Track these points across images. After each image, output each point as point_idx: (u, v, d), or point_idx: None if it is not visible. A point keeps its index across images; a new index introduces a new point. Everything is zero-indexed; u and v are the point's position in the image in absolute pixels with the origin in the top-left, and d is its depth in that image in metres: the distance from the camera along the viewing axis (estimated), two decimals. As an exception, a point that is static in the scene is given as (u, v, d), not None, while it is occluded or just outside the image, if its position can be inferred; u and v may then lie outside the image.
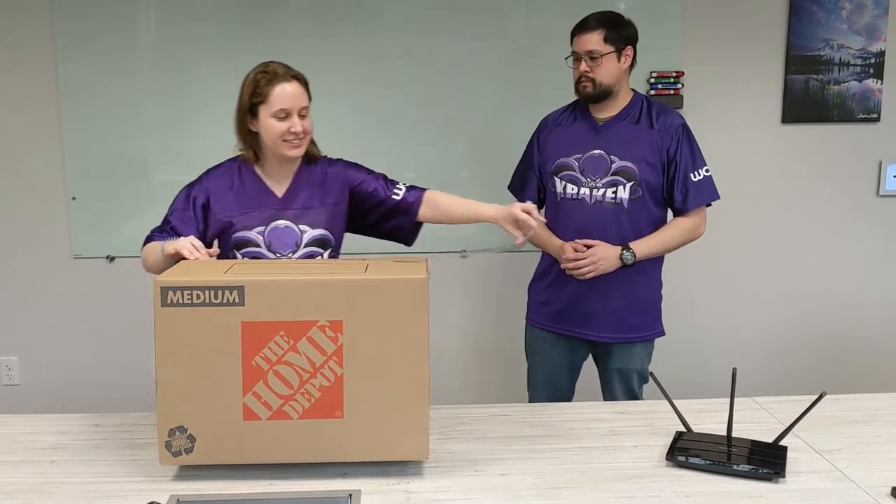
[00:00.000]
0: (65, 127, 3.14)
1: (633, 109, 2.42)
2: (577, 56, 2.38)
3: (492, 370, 3.40)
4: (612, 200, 2.38)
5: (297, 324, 1.59)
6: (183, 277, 1.58)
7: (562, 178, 2.44)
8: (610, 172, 2.38)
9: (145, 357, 3.25)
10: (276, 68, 1.95)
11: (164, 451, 1.60)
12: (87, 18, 3.08)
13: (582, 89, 2.39)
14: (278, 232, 2.01)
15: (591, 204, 2.40)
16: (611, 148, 2.39)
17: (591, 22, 2.36)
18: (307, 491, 1.57)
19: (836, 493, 1.59)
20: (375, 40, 3.17)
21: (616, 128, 2.41)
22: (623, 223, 2.39)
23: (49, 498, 1.56)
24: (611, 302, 2.42)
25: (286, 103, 1.93)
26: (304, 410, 1.61)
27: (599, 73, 2.35)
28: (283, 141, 1.95)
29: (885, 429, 1.91)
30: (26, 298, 3.26)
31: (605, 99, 2.39)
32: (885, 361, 3.46)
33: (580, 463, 1.72)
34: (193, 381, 1.59)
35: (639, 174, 2.36)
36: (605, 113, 2.43)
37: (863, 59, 3.25)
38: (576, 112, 2.49)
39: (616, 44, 2.35)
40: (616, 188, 2.37)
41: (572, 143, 2.44)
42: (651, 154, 2.37)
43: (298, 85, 1.95)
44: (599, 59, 2.34)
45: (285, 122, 1.93)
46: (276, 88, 1.93)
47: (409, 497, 1.57)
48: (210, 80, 3.14)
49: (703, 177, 2.41)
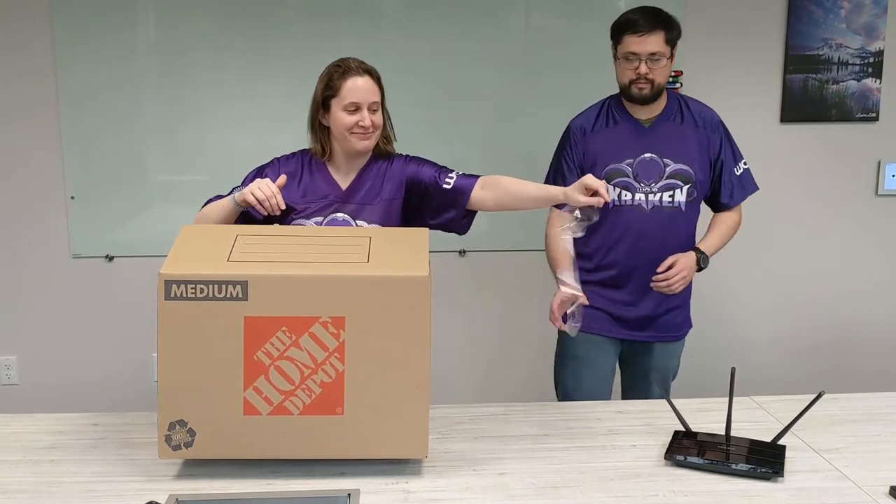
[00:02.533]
0: (64, 126, 3.14)
1: (673, 108, 2.37)
2: (635, 57, 2.27)
3: (491, 369, 3.40)
4: (669, 205, 2.34)
5: (300, 319, 1.59)
6: (187, 271, 1.58)
7: (615, 184, 2.34)
8: (665, 176, 2.33)
9: (144, 356, 3.28)
10: (349, 63, 2.00)
11: (164, 445, 1.60)
12: (86, 19, 3.07)
13: (638, 91, 2.29)
14: (336, 224, 2.02)
15: (648, 210, 2.34)
16: (662, 150, 2.34)
17: (651, 22, 2.26)
18: (306, 490, 1.57)
19: (835, 493, 1.59)
20: (374, 41, 3.16)
21: (663, 129, 2.36)
22: (680, 226, 2.37)
23: (48, 497, 1.56)
24: (666, 302, 2.39)
25: (356, 97, 1.97)
26: (304, 406, 1.61)
27: (659, 75, 2.28)
28: (352, 133, 1.99)
29: (884, 428, 1.91)
30: (25, 298, 3.26)
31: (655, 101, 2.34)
32: (883, 361, 3.46)
33: (579, 462, 1.72)
34: (195, 374, 1.59)
35: (694, 175, 2.34)
36: (647, 114, 2.36)
37: (861, 58, 3.25)
38: (612, 114, 2.40)
39: (672, 44, 2.30)
40: (673, 192, 2.33)
41: (620, 147, 2.36)
42: (701, 154, 2.35)
43: (370, 80, 1.99)
44: (661, 61, 2.27)
45: (355, 115, 1.98)
46: (347, 82, 1.97)
47: (407, 496, 1.57)
48: (209, 80, 3.14)
49: (744, 170, 2.42)
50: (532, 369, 3.46)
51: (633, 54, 2.28)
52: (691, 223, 2.40)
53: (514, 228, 3.36)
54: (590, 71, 3.23)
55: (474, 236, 3.33)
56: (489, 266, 3.35)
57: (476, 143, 3.27)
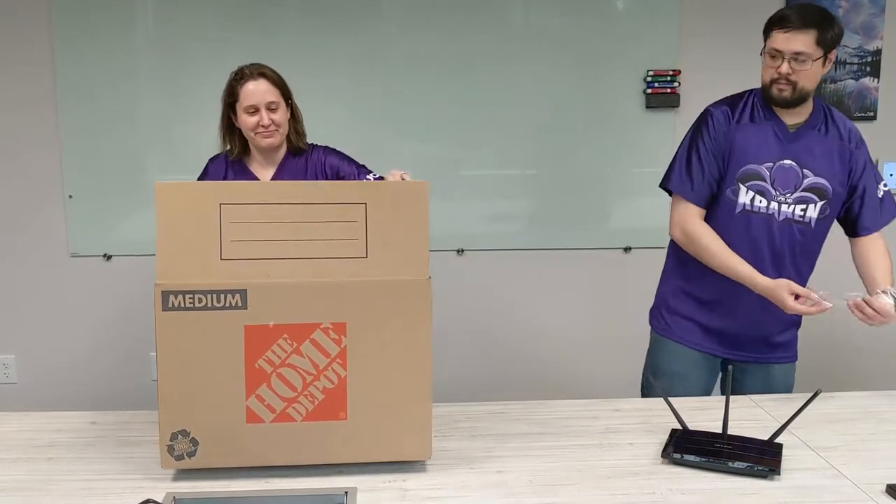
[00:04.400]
0: (62, 125, 3.14)
1: (819, 116, 2.19)
2: (779, 55, 2.09)
3: (489, 368, 3.40)
4: (801, 219, 2.17)
5: (301, 326, 1.58)
6: (184, 280, 1.56)
7: (749, 187, 2.16)
8: (801, 188, 2.16)
9: (142, 355, 3.28)
10: (244, 69, 2.21)
11: (167, 455, 1.59)
12: (85, 16, 3.08)
13: (778, 92, 2.11)
14: None
15: (779, 220, 2.17)
16: (803, 160, 2.15)
17: (804, 19, 2.07)
18: (304, 489, 1.57)
19: (831, 491, 1.59)
20: (372, 38, 3.17)
21: (807, 138, 2.17)
22: (809, 243, 2.21)
23: (45, 495, 1.56)
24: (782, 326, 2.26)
25: (253, 99, 2.16)
26: (307, 413, 1.61)
27: (803, 78, 2.08)
28: (256, 133, 2.18)
29: (880, 426, 1.91)
30: (23, 297, 3.26)
31: (799, 105, 2.15)
32: (881, 359, 3.47)
33: (576, 460, 1.72)
34: (195, 384, 1.57)
35: (831, 192, 2.16)
36: (794, 118, 2.17)
37: (860, 57, 3.26)
38: (758, 110, 2.19)
39: (826, 47, 2.08)
40: (806, 206, 2.16)
41: (763, 148, 2.16)
42: (843, 171, 2.18)
43: (265, 81, 2.18)
44: (807, 63, 2.07)
45: (255, 116, 2.17)
46: (244, 87, 2.18)
47: (405, 494, 1.57)
48: (207, 78, 3.12)
49: (884, 192, 2.24)
50: (531, 368, 3.46)
51: (776, 51, 2.10)
52: (815, 242, 2.23)
53: (513, 227, 3.36)
54: (592, 69, 3.24)
55: (473, 235, 3.35)
56: (487, 265, 3.35)
57: (475, 142, 3.27)
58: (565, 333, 3.44)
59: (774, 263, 2.20)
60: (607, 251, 3.39)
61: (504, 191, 3.34)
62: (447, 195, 3.27)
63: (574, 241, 3.37)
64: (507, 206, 3.35)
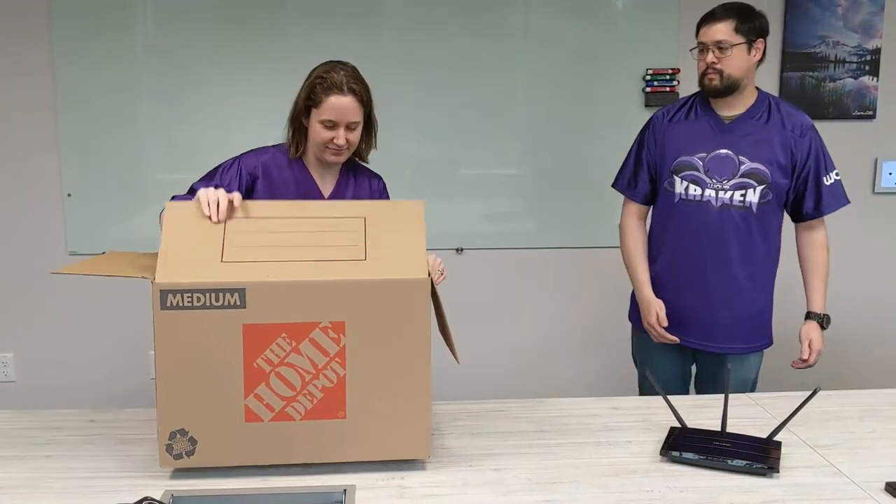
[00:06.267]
0: (61, 124, 3.14)
1: (761, 107, 2.30)
2: (704, 47, 2.26)
3: (488, 367, 3.40)
4: (740, 204, 2.26)
5: (300, 325, 1.57)
6: (182, 279, 1.55)
7: (683, 177, 2.30)
8: (738, 174, 2.26)
9: (141, 353, 3.28)
10: (335, 77, 1.93)
11: (165, 454, 1.59)
12: (84, 18, 3.07)
13: (708, 82, 2.26)
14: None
15: (716, 207, 2.27)
16: (739, 148, 2.26)
17: (720, 12, 2.24)
18: (302, 486, 1.57)
19: (830, 489, 1.59)
20: (373, 39, 3.17)
21: (745, 127, 2.28)
22: (752, 228, 2.28)
23: (44, 493, 1.56)
24: (731, 312, 2.33)
25: (334, 115, 1.92)
26: (306, 411, 1.60)
27: (728, 65, 2.22)
28: (326, 147, 1.96)
29: (879, 424, 1.91)
30: (22, 295, 3.26)
31: (731, 94, 2.27)
32: (879, 357, 3.47)
33: (574, 458, 1.72)
34: (194, 383, 1.57)
35: (770, 177, 2.25)
36: (730, 111, 2.30)
37: (858, 56, 3.26)
38: (696, 108, 2.35)
39: (747, 35, 2.22)
40: (745, 191, 2.26)
41: (695, 141, 2.31)
42: (784, 156, 2.26)
43: (353, 100, 1.93)
44: (729, 50, 2.21)
45: (331, 131, 1.93)
46: (329, 99, 1.92)
47: (403, 492, 1.57)
48: (206, 78, 3.14)
49: (834, 181, 2.32)
50: (529, 366, 3.46)
51: (702, 43, 2.26)
52: (764, 227, 2.30)
53: (511, 226, 3.36)
54: (591, 68, 3.24)
55: (472, 235, 3.35)
56: (487, 264, 3.35)
57: (475, 142, 3.27)
58: (565, 332, 3.44)
59: (720, 251, 2.30)
60: (608, 250, 3.37)
61: (503, 190, 3.34)
62: (446, 194, 3.27)
63: (574, 239, 3.37)
64: (507, 205, 3.35)
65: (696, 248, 2.31)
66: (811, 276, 2.39)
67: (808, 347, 2.34)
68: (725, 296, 2.31)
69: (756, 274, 2.33)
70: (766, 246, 2.32)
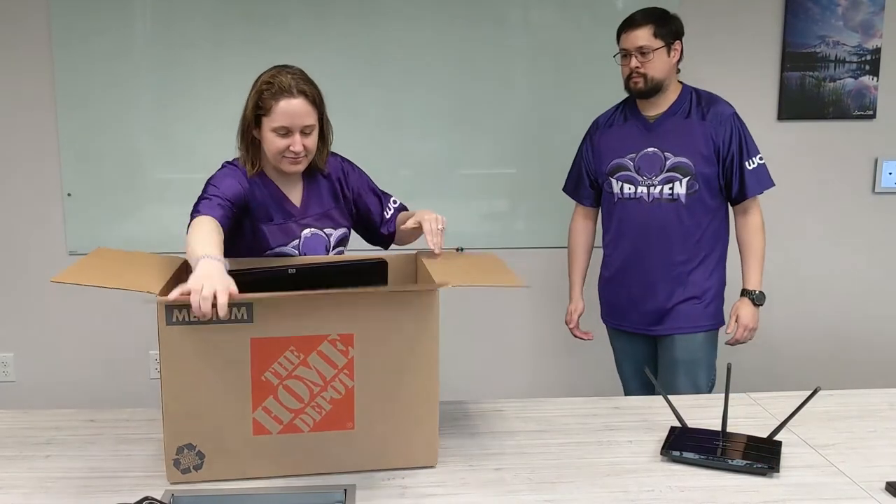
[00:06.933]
0: (60, 124, 3.13)
1: (683, 103, 2.43)
2: (627, 53, 2.40)
3: (488, 366, 3.40)
4: (669, 197, 2.40)
5: (308, 338, 1.56)
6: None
7: (618, 178, 2.47)
8: (665, 169, 2.40)
9: (141, 353, 3.28)
10: (283, 82, 1.83)
11: (173, 469, 1.57)
12: (83, 16, 3.07)
13: (633, 85, 2.40)
14: (309, 242, 1.98)
15: (649, 202, 2.42)
16: (664, 145, 2.40)
17: (638, 18, 2.38)
18: (302, 486, 1.57)
19: (830, 488, 1.59)
20: (371, 38, 3.17)
21: (667, 124, 2.42)
22: (683, 218, 2.41)
23: (44, 493, 1.56)
24: (678, 293, 2.46)
25: (287, 121, 1.82)
26: (315, 423, 1.60)
27: (651, 69, 2.37)
28: (283, 157, 1.87)
29: (880, 424, 1.91)
30: (22, 295, 3.26)
31: (655, 95, 2.41)
32: (879, 357, 3.47)
33: (575, 458, 1.72)
34: (201, 398, 1.55)
35: (694, 168, 2.38)
36: (654, 110, 2.44)
37: (858, 55, 3.26)
38: (625, 112, 2.51)
39: (665, 38, 2.37)
40: (672, 184, 2.39)
41: (625, 143, 2.47)
42: (705, 147, 2.38)
43: (304, 102, 1.83)
44: (650, 55, 2.36)
45: (286, 139, 1.84)
46: (279, 103, 1.82)
47: (403, 492, 1.57)
48: (206, 77, 3.14)
49: (758, 164, 2.43)
50: (529, 366, 3.46)
51: (624, 50, 2.41)
52: (695, 216, 2.42)
53: (512, 226, 3.36)
54: (590, 68, 3.23)
55: (472, 234, 3.34)
56: (486, 263, 3.34)
57: (475, 140, 3.27)
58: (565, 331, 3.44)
59: (658, 241, 2.44)
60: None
61: (504, 189, 3.33)
62: (446, 194, 3.27)
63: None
64: (507, 204, 3.35)
65: (637, 241, 2.46)
66: (746, 256, 2.49)
67: (734, 322, 2.46)
68: (667, 281, 2.45)
69: (694, 258, 2.45)
70: (700, 231, 2.43)
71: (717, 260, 2.50)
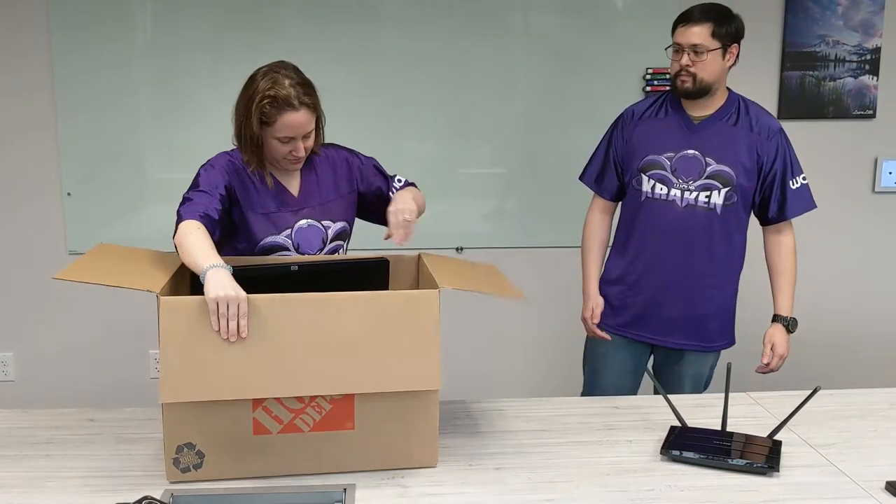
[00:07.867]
0: (60, 123, 3.13)
1: (730, 109, 2.29)
2: (679, 48, 2.23)
3: (488, 366, 3.40)
4: (705, 205, 2.25)
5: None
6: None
7: (650, 176, 2.30)
8: (704, 175, 2.25)
9: (141, 352, 3.28)
10: (283, 94, 1.84)
11: (172, 468, 1.58)
12: (84, 16, 3.07)
13: (680, 84, 2.24)
14: (304, 233, 1.98)
15: (681, 207, 2.27)
16: (706, 149, 2.25)
17: (698, 14, 2.22)
18: (302, 486, 1.57)
19: (830, 488, 1.60)
20: (372, 38, 3.16)
21: (713, 128, 2.27)
22: (715, 230, 2.27)
23: (44, 493, 1.56)
24: (691, 309, 2.34)
25: (291, 132, 1.88)
26: (315, 423, 1.60)
27: (702, 69, 2.21)
28: (284, 159, 1.93)
29: (880, 423, 1.91)
30: (21, 294, 3.26)
31: (702, 97, 2.26)
32: (879, 356, 3.47)
33: (575, 457, 1.72)
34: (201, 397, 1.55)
35: (735, 180, 2.24)
36: (700, 111, 2.29)
37: (858, 55, 3.25)
38: (666, 106, 2.34)
39: (723, 40, 2.21)
40: (710, 192, 2.25)
41: (663, 140, 2.30)
42: (749, 159, 2.25)
43: (307, 112, 1.87)
44: (704, 55, 2.19)
45: (288, 144, 1.90)
46: (283, 117, 1.85)
47: (403, 491, 1.57)
48: (206, 76, 3.13)
49: (801, 185, 2.30)
50: (529, 365, 3.46)
51: (678, 45, 2.24)
52: (728, 228, 2.29)
53: (512, 226, 3.36)
54: (589, 68, 3.23)
55: (472, 234, 3.34)
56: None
57: (475, 141, 3.27)
58: (565, 331, 3.44)
59: (686, 250, 2.30)
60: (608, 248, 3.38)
61: (503, 189, 3.33)
62: (446, 194, 3.27)
63: (574, 238, 3.36)
64: (507, 204, 3.34)
65: (660, 246, 2.31)
66: (779, 279, 2.36)
67: (769, 351, 2.32)
68: (685, 294, 2.32)
69: (717, 273, 2.32)
70: (728, 247, 2.32)
71: (736, 277, 2.39)
